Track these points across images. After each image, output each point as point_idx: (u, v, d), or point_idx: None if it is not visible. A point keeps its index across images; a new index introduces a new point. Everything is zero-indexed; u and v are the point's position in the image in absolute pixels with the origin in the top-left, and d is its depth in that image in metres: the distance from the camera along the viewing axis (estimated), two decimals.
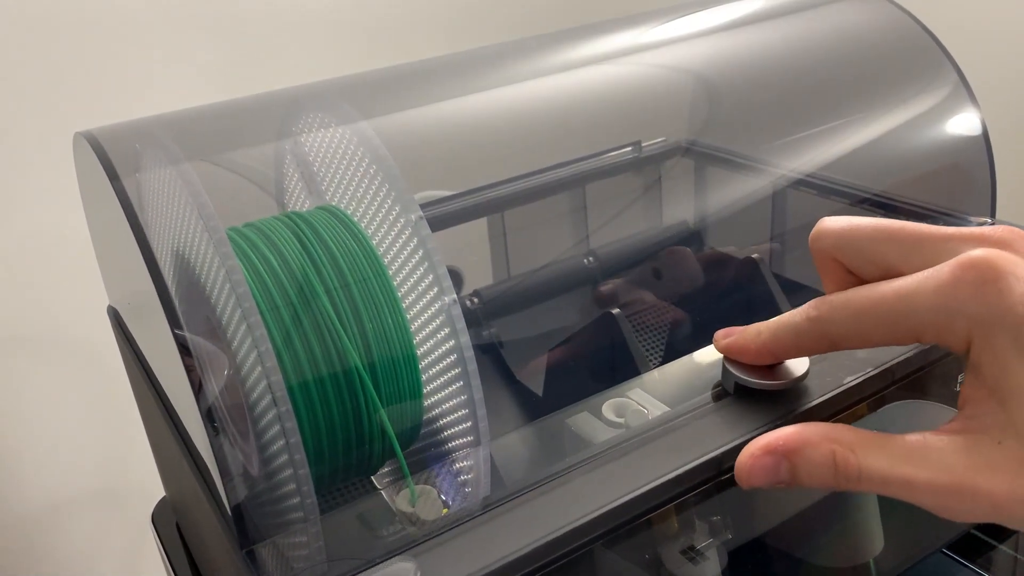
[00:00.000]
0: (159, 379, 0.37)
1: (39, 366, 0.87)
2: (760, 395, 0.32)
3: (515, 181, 0.55)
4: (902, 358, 0.35)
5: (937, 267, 0.26)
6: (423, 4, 0.98)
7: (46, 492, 0.91)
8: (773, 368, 0.33)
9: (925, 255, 0.28)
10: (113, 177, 0.33)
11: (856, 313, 0.28)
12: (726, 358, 0.33)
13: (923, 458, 0.26)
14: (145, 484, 0.59)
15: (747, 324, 0.34)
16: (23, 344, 0.85)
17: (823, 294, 0.30)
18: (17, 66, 0.77)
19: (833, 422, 0.33)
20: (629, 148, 0.59)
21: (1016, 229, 0.27)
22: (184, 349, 0.29)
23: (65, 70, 0.79)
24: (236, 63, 0.88)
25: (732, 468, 0.31)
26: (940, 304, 0.26)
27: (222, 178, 0.37)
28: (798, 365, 0.32)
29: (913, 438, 0.26)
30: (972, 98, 0.47)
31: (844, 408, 0.33)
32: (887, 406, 0.35)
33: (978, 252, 0.26)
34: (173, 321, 0.29)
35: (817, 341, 0.30)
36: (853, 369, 0.34)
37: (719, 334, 0.33)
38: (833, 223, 0.30)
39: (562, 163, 0.56)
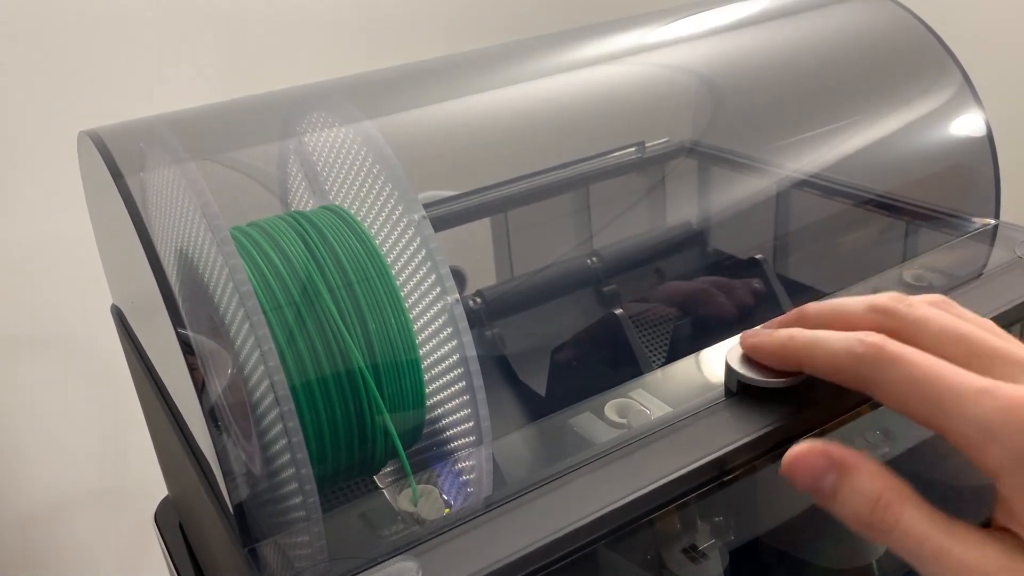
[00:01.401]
0: (162, 378, 0.37)
1: (42, 365, 0.87)
2: (762, 394, 0.32)
3: (519, 181, 0.55)
4: None
5: (993, 385, 0.25)
6: (426, 5, 0.98)
7: (48, 491, 0.91)
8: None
9: (982, 368, 0.26)
10: (117, 176, 0.33)
11: (907, 379, 0.26)
12: (729, 356, 0.33)
13: (964, 539, 0.25)
14: (147, 483, 0.59)
15: (750, 325, 0.34)
16: (26, 343, 0.86)
17: (826, 295, 0.30)
18: (21, 65, 0.77)
19: (836, 420, 0.33)
20: (633, 148, 0.59)
21: None
22: (187, 348, 0.29)
23: (69, 69, 0.79)
24: (240, 63, 0.88)
25: (734, 469, 0.31)
26: (983, 422, 0.25)
27: (226, 177, 0.37)
28: None
29: (958, 520, 0.26)
30: (976, 99, 0.47)
31: (848, 408, 0.33)
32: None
33: None
34: (176, 320, 0.29)
35: (850, 377, 0.28)
36: None
37: (746, 334, 0.33)
38: (901, 308, 0.29)
39: (566, 163, 0.56)
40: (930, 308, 0.29)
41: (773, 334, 0.31)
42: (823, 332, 0.30)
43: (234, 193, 0.38)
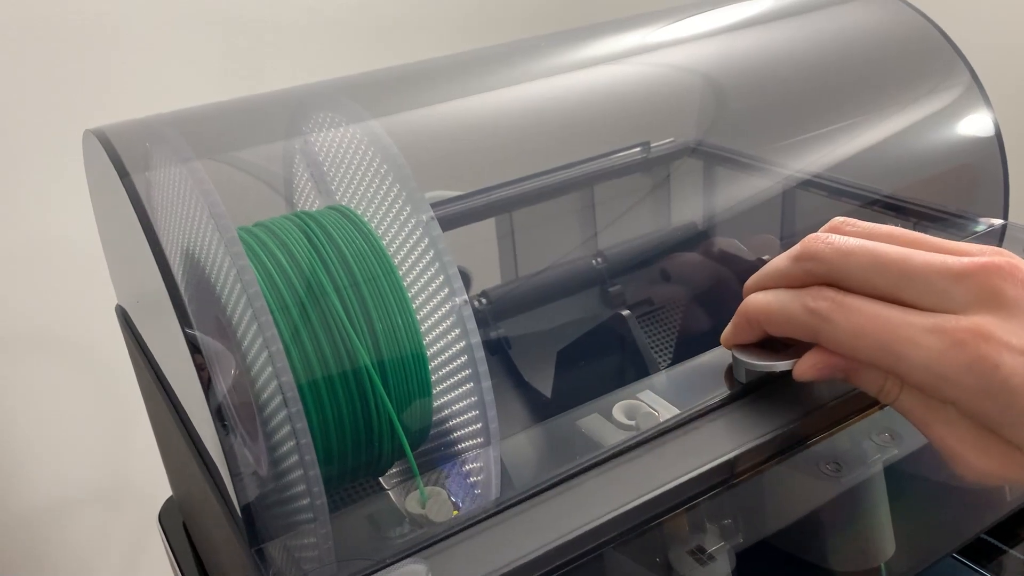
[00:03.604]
0: (168, 378, 0.37)
1: (46, 365, 0.87)
2: (771, 388, 0.32)
3: (523, 181, 0.55)
4: None
5: (936, 325, 0.28)
6: (431, 4, 0.98)
7: (52, 491, 0.91)
8: (781, 351, 0.33)
9: (915, 291, 0.29)
10: (123, 175, 0.32)
11: (856, 329, 0.29)
12: (735, 348, 0.33)
13: (944, 418, 0.29)
14: (150, 484, 0.59)
15: None
16: (30, 343, 0.86)
17: None
18: (25, 65, 0.77)
19: (845, 422, 0.33)
20: (638, 148, 0.59)
21: (1007, 259, 0.28)
22: (194, 348, 0.29)
23: (74, 68, 0.79)
24: (245, 62, 0.88)
25: (743, 471, 0.31)
26: (931, 366, 0.28)
27: (232, 177, 0.37)
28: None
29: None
30: (985, 98, 0.47)
31: (856, 411, 0.33)
32: None
33: (971, 323, 0.27)
34: (184, 320, 0.29)
35: (805, 331, 0.31)
36: None
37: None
38: (824, 250, 0.31)
39: (570, 163, 0.56)
40: (848, 242, 0.31)
41: (735, 316, 0.34)
42: (770, 299, 0.32)
43: (240, 193, 0.38)
